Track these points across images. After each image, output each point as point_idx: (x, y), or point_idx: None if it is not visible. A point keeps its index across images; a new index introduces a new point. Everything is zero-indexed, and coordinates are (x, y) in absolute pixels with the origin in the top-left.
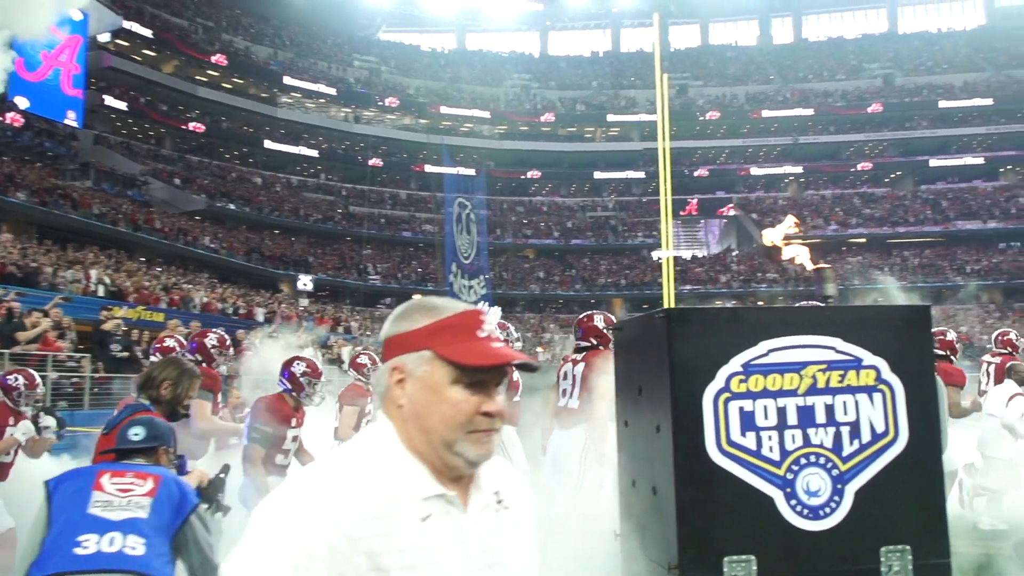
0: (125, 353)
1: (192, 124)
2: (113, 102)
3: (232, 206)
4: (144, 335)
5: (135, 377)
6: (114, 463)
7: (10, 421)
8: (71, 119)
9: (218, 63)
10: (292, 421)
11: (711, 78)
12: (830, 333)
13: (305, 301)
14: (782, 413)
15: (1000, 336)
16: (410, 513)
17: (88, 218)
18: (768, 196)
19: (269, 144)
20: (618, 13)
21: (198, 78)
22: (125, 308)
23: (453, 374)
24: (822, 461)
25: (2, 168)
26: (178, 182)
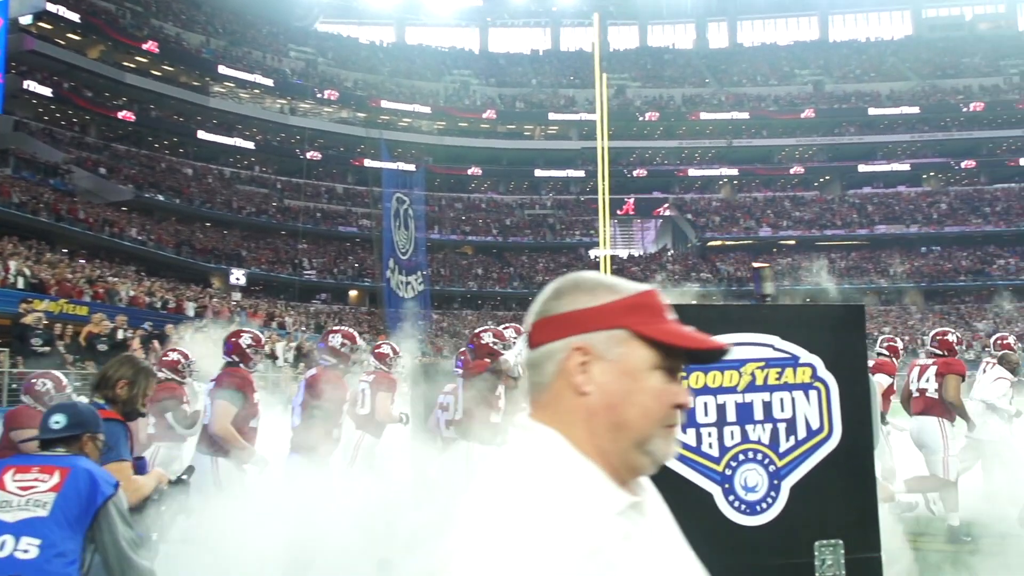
0: (46, 348)
1: (120, 112)
2: (35, 87)
3: (161, 197)
4: (67, 329)
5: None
6: (19, 458)
7: None
8: None
9: (149, 50)
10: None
11: (649, 79)
12: (768, 331)
13: (238, 296)
14: (721, 410)
15: (938, 335)
16: (615, 534)
17: (7, 207)
18: (703, 197)
19: (202, 134)
20: (558, 12)
21: (126, 64)
22: (46, 301)
23: (653, 358)
24: (759, 457)
25: None
26: (104, 171)
